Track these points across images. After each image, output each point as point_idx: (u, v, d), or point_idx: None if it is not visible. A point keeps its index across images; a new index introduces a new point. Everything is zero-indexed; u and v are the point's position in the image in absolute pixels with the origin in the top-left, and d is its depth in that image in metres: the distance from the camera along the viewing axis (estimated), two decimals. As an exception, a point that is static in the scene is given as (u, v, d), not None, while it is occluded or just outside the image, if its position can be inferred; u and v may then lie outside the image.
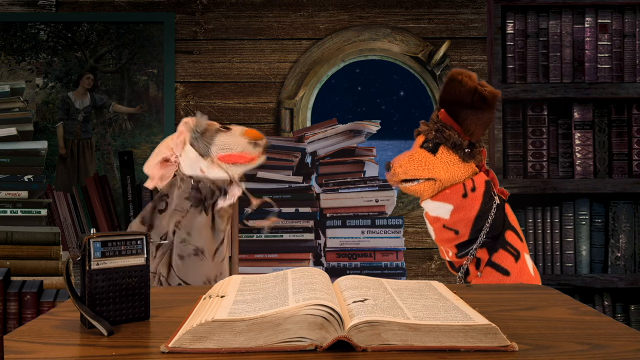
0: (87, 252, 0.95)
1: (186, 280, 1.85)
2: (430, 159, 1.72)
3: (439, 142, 1.72)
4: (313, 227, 2.52)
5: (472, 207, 1.72)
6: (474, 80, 1.70)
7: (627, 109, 2.54)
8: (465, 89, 1.68)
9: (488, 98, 1.69)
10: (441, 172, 1.71)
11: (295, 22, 3.04)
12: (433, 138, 1.72)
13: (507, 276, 1.71)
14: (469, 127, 1.71)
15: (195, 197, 1.84)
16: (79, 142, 3.02)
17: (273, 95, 3.04)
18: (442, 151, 1.72)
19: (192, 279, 1.85)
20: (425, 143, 1.73)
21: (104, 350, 0.85)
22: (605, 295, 2.54)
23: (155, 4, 3.03)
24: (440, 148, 1.72)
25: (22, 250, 2.06)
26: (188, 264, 1.84)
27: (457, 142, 1.70)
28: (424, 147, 1.73)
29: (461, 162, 1.72)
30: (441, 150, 1.72)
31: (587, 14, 2.53)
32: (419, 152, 1.73)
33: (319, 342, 0.82)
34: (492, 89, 1.71)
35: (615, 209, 2.54)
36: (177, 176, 1.88)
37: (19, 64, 3.01)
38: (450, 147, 1.71)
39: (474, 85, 1.69)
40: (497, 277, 1.71)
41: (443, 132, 1.71)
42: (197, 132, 1.81)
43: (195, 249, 1.84)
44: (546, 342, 0.88)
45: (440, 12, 3.03)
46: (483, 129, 1.73)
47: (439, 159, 1.71)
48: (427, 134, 1.73)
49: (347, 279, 1.07)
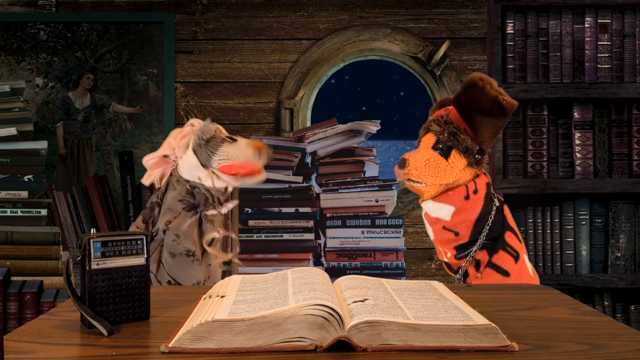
0: (87, 252, 0.95)
1: (176, 279, 1.84)
2: (444, 166, 1.69)
3: (452, 145, 1.69)
4: (313, 227, 2.52)
5: (474, 210, 1.72)
6: (495, 88, 1.67)
7: (627, 109, 2.54)
8: (487, 97, 1.66)
9: (507, 109, 1.67)
10: (450, 177, 1.71)
11: (295, 22, 3.04)
12: (446, 140, 1.70)
13: (507, 277, 1.71)
14: (483, 135, 1.68)
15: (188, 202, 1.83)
16: (79, 142, 3.02)
17: (273, 95, 3.04)
18: (454, 155, 1.69)
19: (182, 278, 1.84)
20: (437, 144, 1.71)
21: (104, 350, 0.85)
22: (605, 295, 2.54)
23: (155, 4, 3.03)
24: (453, 152, 1.69)
25: (22, 250, 2.06)
26: (179, 263, 1.84)
27: (470, 148, 1.68)
28: (436, 149, 1.71)
29: (467, 167, 1.71)
30: (453, 154, 1.69)
31: (587, 14, 2.53)
32: (434, 156, 1.70)
33: (319, 342, 0.82)
34: (511, 99, 1.68)
35: (615, 209, 2.54)
36: (173, 176, 1.87)
37: (19, 64, 3.01)
38: (461, 152, 1.69)
39: (496, 94, 1.66)
40: (497, 278, 1.70)
41: (457, 136, 1.68)
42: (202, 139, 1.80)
43: (187, 250, 1.84)
44: (546, 342, 0.88)
45: (440, 12, 3.03)
46: (493, 138, 1.72)
47: (450, 165, 1.69)
48: (439, 134, 1.71)
49: (347, 279, 1.07)
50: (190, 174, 1.82)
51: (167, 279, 1.85)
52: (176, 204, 1.83)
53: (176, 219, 1.84)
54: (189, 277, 1.85)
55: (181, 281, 1.84)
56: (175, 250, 1.84)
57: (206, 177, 1.80)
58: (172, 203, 1.84)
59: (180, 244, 1.83)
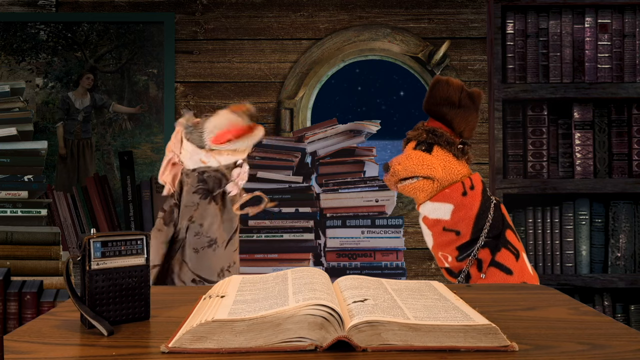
0: (87, 252, 0.95)
1: (200, 274, 1.85)
2: (428, 157, 1.74)
3: (432, 142, 1.74)
4: (313, 227, 2.52)
5: (473, 205, 1.72)
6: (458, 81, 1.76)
7: (627, 109, 2.54)
8: (453, 87, 1.73)
9: (475, 94, 1.74)
10: (439, 169, 1.72)
11: (295, 22, 3.04)
12: (426, 139, 1.74)
13: (510, 275, 1.70)
14: (459, 126, 1.75)
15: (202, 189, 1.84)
16: (79, 142, 3.02)
17: (273, 95, 3.04)
18: (437, 150, 1.74)
19: (206, 271, 1.85)
20: (419, 145, 1.75)
21: (104, 350, 0.85)
22: (605, 295, 2.54)
23: (155, 4, 3.03)
24: (435, 147, 1.74)
25: (22, 250, 2.06)
26: (202, 257, 1.85)
27: (450, 140, 1.73)
28: (418, 149, 1.75)
29: (456, 160, 1.74)
30: (436, 149, 1.74)
31: (587, 14, 2.53)
32: (416, 152, 1.75)
33: (319, 342, 0.82)
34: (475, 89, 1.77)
35: (615, 209, 2.54)
36: (183, 174, 1.89)
37: (19, 64, 3.01)
38: (444, 146, 1.73)
39: (460, 83, 1.74)
40: (501, 277, 1.70)
41: (435, 132, 1.74)
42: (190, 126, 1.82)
43: (209, 240, 1.84)
44: (546, 342, 0.88)
45: (440, 12, 3.03)
46: (471, 130, 1.77)
47: (435, 156, 1.73)
48: (417, 137, 1.76)
49: (347, 279, 1.07)
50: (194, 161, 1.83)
51: (191, 277, 1.85)
52: (192, 197, 1.85)
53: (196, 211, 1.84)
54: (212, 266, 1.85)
55: (205, 275, 1.85)
56: (198, 245, 1.85)
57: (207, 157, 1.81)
58: (187, 199, 1.85)
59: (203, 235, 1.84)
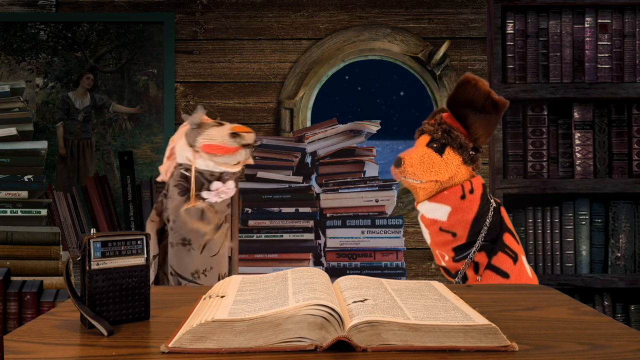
0: (87, 252, 0.95)
1: (174, 268, 1.85)
2: (438, 162, 1.71)
3: (446, 142, 1.72)
4: (313, 227, 2.52)
5: (470, 209, 1.72)
6: (487, 85, 1.72)
7: (627, 109, 2.54)
8: (479, 92, 1.69)
9: (499, 104, 1.70)
10: (445, 174, 1.71)
11: (295, 22, 3.04)
12: (440, 138, 1.72)
13: (507, 279, 1.70)
14: (477, 131, 1.71)
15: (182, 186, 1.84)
16: (79, 142, 3.02)
17: (273, 95, 3.04)
18: (449, 152, 1.71)
19: (180, 268, 1.84)
20: (432, 142, 1.73)
21: (104, 350, 0.85)
22: (605, 295, 2.54)
23: (155, 4, 3.03)
24: (447, 149, 1.72)
25: (22, 250, 2.06)
26: (177, 253, 1.84)
27: (464, 144, 1.70)
28: (431, 146, 1.73)
29: (462, 165, 1.72)
30: (447, 151, 1.71)
31: (587, 14, 2.53)
32: (428, 153, 1.72)
33: (319, 342, 0.82)
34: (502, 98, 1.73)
35: (615, 209, 2.54)
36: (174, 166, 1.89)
37: (19, 64, 3.01)
38: (456, 148, 1.71)
39: (488, 90, 1.70)
40: (497, 280, 1.70)
41: (451, 133, 1.71)
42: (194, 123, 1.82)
43: (182, 239, 1.83)
44: (546, 342, 0.88)
45: (440, 12, 3.03)
46: (487, 135, 1.74)
47: (444, 160, 1.71)
48: (433, 133, 1.73)
49: (347, 279, 1.07)
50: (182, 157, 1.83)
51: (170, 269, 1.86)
52: (172, 190, 1.84)
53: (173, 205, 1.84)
54: (185, 265, 1.84)
55: (179, 271, 1.84)
56: (172, 239, 1.84)
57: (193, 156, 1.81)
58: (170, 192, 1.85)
59: (176, 232, 1.83)
